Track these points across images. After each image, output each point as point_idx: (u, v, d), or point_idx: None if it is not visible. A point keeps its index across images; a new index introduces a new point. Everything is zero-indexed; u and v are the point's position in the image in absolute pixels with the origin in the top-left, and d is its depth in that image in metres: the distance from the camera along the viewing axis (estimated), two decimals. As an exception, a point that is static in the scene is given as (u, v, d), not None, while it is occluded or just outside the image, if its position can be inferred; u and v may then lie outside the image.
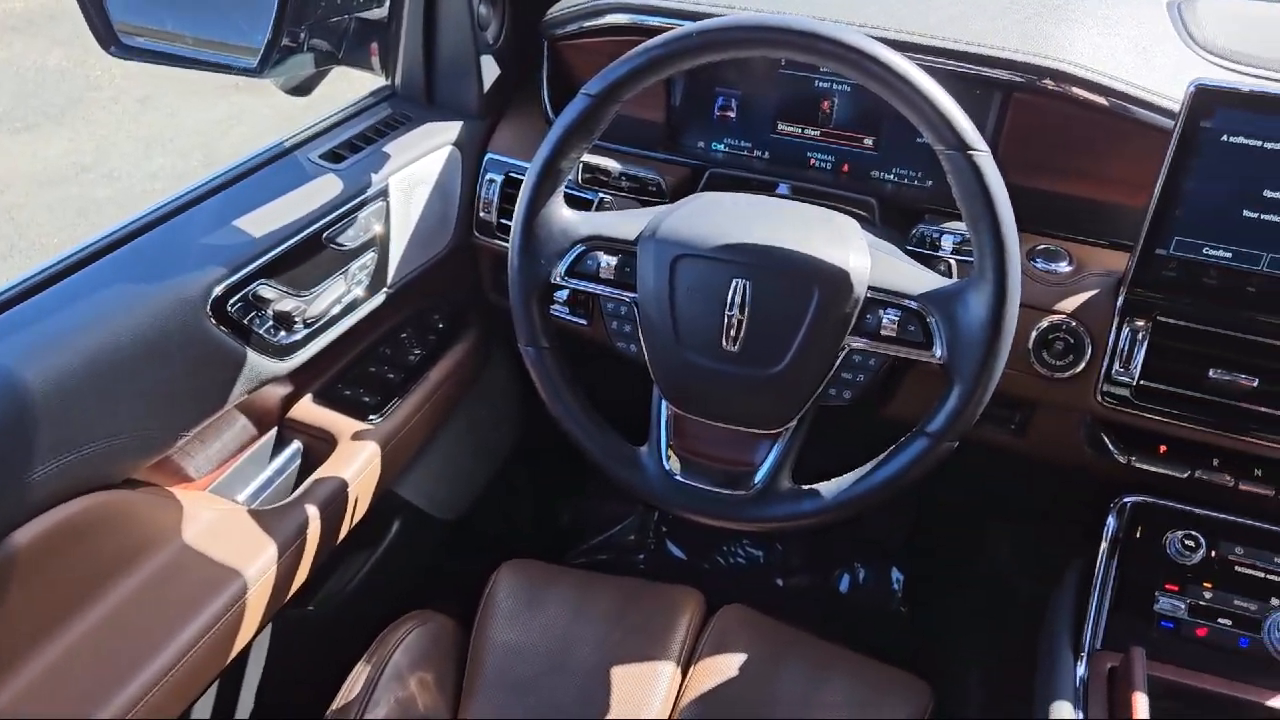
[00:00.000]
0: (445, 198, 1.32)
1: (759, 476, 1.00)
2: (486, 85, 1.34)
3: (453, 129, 1.31)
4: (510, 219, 1.00)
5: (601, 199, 1.24)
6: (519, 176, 1.29)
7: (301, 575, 1.15)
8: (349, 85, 1.34)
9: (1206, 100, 0.94)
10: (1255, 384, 1.01)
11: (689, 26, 0.91)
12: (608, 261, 1.01)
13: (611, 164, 1.24)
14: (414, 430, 1.34)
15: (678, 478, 1.02)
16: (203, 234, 1.06)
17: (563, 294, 1.30)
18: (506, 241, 1.00)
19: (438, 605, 1.23)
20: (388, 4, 1.27)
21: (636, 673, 1.13)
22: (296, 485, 1.20)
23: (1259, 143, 0.94)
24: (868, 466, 0.96)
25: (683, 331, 0.97)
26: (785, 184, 1.22)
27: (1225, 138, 0.95)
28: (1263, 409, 1.02)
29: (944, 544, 1.81)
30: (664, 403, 1.03)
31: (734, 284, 0.94)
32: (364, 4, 1.23)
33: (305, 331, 1.14)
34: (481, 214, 1.34)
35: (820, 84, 1.22)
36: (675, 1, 1.21)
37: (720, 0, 1.19)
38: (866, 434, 1.03)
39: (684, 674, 1.15)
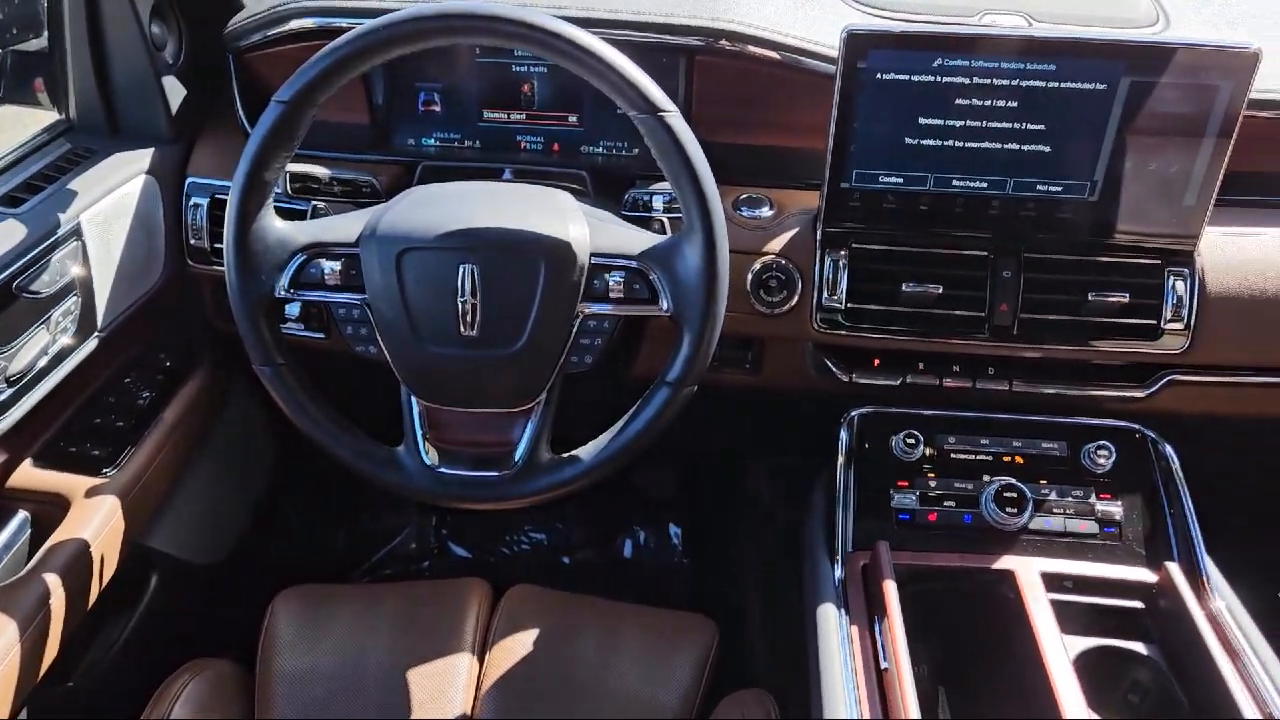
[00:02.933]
0: (148, 229, 1.25)
1: (518, 453, 1.02)
2: (174, 107, 1.28)
3: (143, 157, 1.24)
4: (223, 242, 0.97)
5: (315, 206, 1.22)
6: (224, 197, 1.24)
7: (52, 650, 1.07)
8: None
9: (858, 44, 1.04)
10: (941, 290, 1.13)
11: (373, 22, 0.92)
12: (331, 267, 0.99)
13: (320, 170, 1.22)
14: (155, 477, 1.27)
15: (439, 470, 1.02)
16: None
17: (294, 310, 1.27)
18: (223, 265, 0.97)
19: (216, 652, 1.18)
20: (46, 33, 1.18)
21: (432, 670, 1.13)
22: (30, 557, 1.11)
23: (908, 77, 1.06)
24: (619, 424, 1.01)
25: (419, 324, 0.98)
26: (509, 169, 1.24)
27: (879, 76, 1.06)
28: (951, 311, 1.15)
29: (711, 490, 1.91)
30: (414, 398, 1.03)
31: (461, 270, 0.96)
32: (17, 36, 1.14)
33: (9, 391, 1.05)
34: (192, 241, 1.28)
35: (518, 68, 1.25)
36: (360, 0, 1.20)
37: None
38: (634, 396, 1.07)
39: (480, 662, 1.16)
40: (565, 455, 1.02)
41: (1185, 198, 1.10)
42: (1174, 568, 1.08)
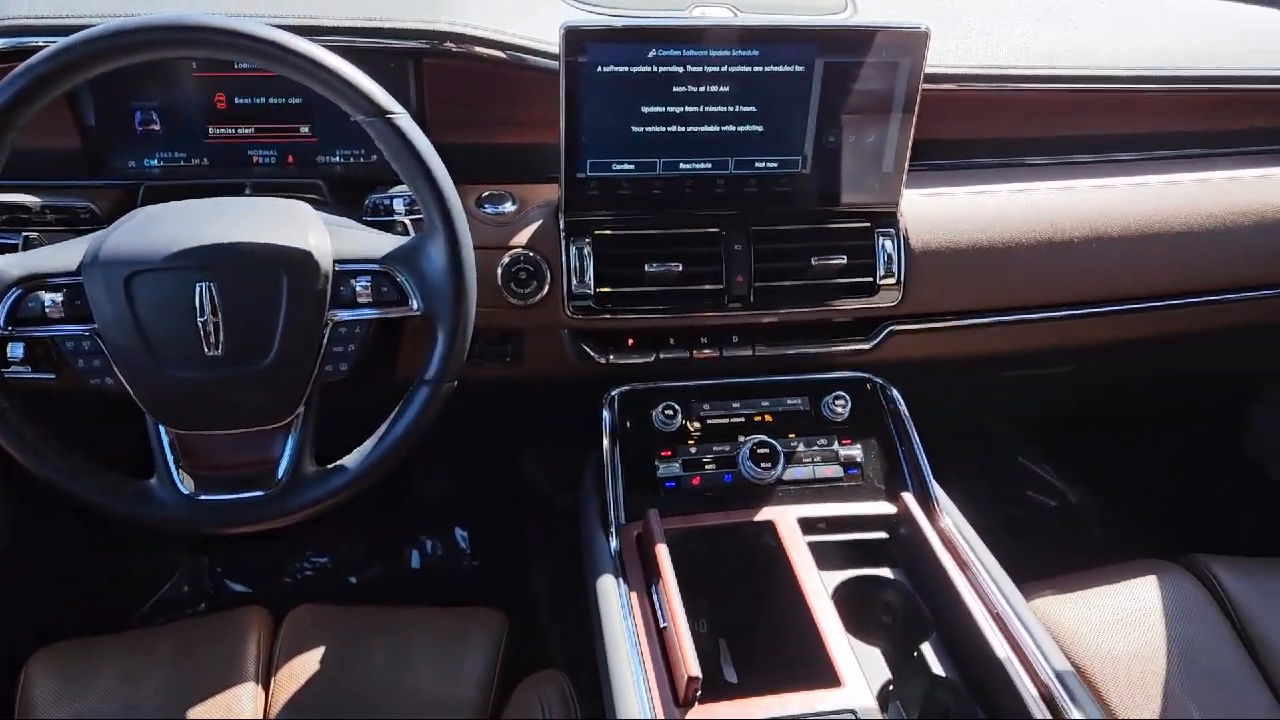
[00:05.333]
0: None
1: (281, 470, 1.01)
2: None
3: None
4: None
5: (27, 238, 1.14)
6: None
7: None
8: None
9: (576, 39, 1.09)
10: (681, 268, 1.20)
11: (71, 38, 0.88)
12: (52, 299, 0.94)
13: (29, 199, 1.14)
14: None
15: (198, 498, 0.99)
16: None
17: (17, 352, 1.18)
18: None
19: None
20: None
21: (213, 705, 1.09)
22: None
23: (627, 68, 1.12)
24: (383, 428, 1.01)
25: (159, 350, 0.94)
26: (248, 184, 1.21)
27: (600, 69, 1.11)
28: (692, 287, 1.22)
29: (492, 487, 1.92)
30: (161, 427, 0.99)
31: (199, 289, 0.93)
32: None
33: None
34: None
35: (240, 81, 1.22)
36: (59, 17, 1.14)
37: (104, 9, 1.13)
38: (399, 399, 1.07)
39: (266, 690, 1.13)
40: (331, 466, 1.01)
41: (884, 165, 1.22)
42: (909, 498, 1.20)
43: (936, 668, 1.07)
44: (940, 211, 1.30)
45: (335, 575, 1.87)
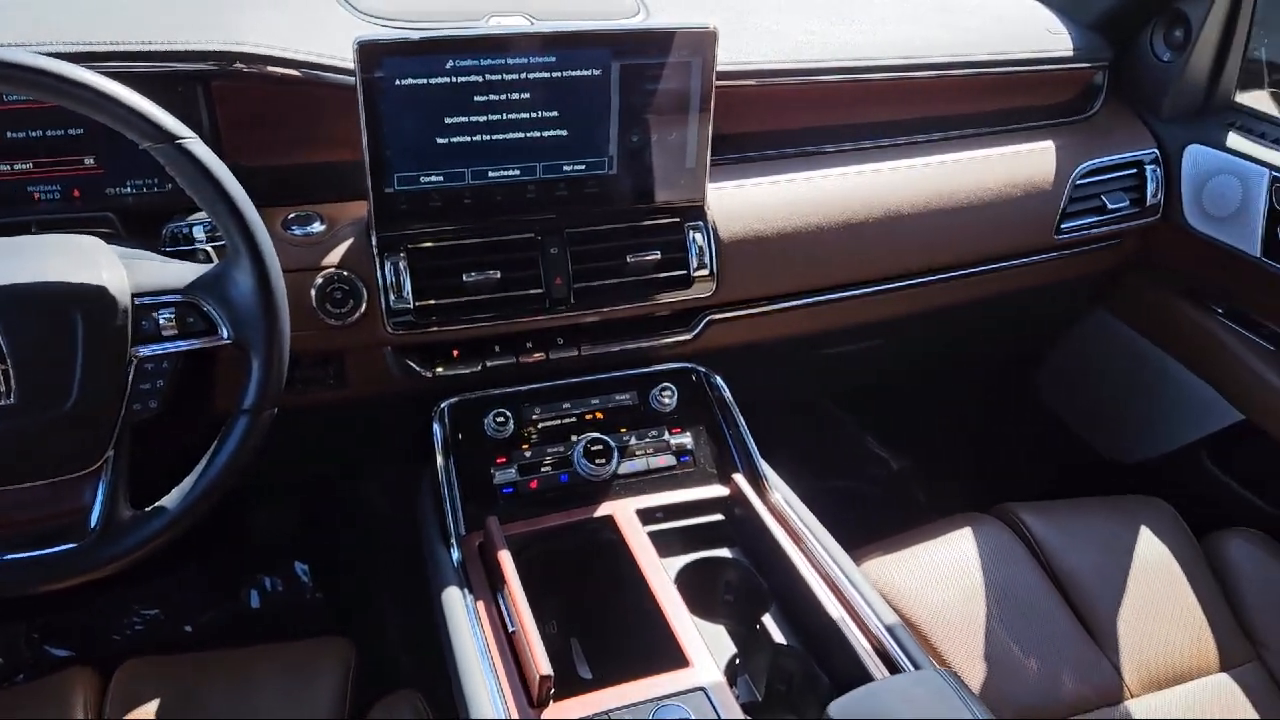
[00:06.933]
0: None
1: (94, 518, 0.95)
2: None
3: None
4: None
5: None
6: None
7: None
8: None
9: (371, 53, 1.08)
10: (499, 275, 1.21)
11: None
12: None
13: None
14: None
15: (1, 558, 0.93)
16: None
17: None
18: None
19: None
20: None
21: (41, 777, 1.03)
22: None
23: (425, 80, 1.12)
24: (202, 462, 0.98)
25: None
26: (34, 223, 1.14)
27: (398, 82, 1.11)
28: (512, 293, 1.23)
29: (331, 516, 1.87)
30: None
31: None
32: None
33: None
34: None
35: (11, 113, 1.15)
36: None
37: None
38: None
39: (99, 753, 1.07)
40: (149, 509, 0.97)
41: (687, 161, 1.27)
42: (740, 479, 1.24)
43: (779, 637, 1.11)
44: (746, 203, 1.36)
45: (169, 626, 1.78)
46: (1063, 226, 1.57)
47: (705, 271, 1.31)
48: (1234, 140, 1.56)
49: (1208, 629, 1.36)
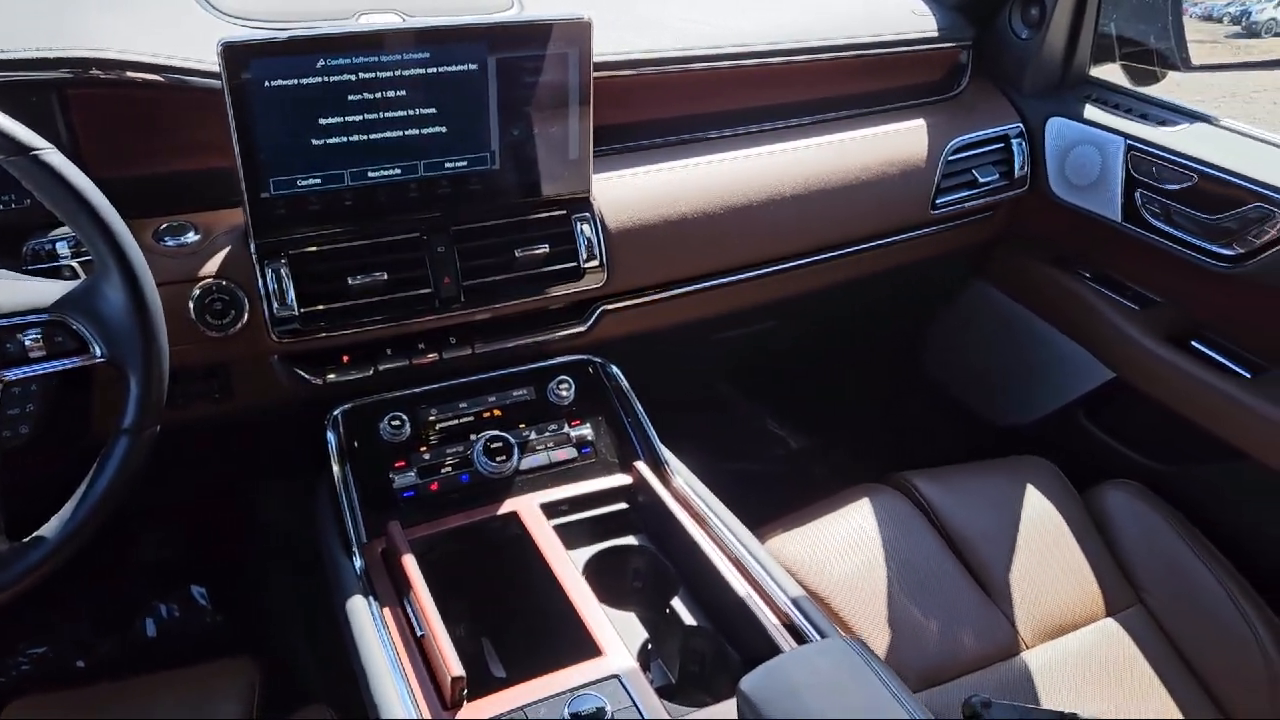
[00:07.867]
0: None
1: (-34, 555, 0.91)
2: None
3: None
4: None
5: None
6: None
7: None
8: None
9: (237, 55, 1.05)
10: (386, 277, 1.19)
11: None
12: None
13: None
14: None
15: None
16: None
17: None
18: None
19: None
20: None
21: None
22: None
23: (296, 81, 1.09)
24: (82, 487, 0.94)
25: None
26: None
27: (268, 84, 1.07)
28: (400, 295, 1.21)
29: (226, 535, 1.82)
30: None
31: None
32: None
33: None
34: None
35: None
36: None
37: None
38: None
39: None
40: (27, 539, 0.93)
41: (570, 153, 1.26)
42: (642, 466, 1.25)
43: (688, 619, 1.13)
44: (631, 191, 1.36)
45: (58, 663, 1.69)
46: (938, 201, 1.62)
47: (595, 262, 1.31)
48: (1091, 112, 1.63)
49: (1093, 578, 1.43)
